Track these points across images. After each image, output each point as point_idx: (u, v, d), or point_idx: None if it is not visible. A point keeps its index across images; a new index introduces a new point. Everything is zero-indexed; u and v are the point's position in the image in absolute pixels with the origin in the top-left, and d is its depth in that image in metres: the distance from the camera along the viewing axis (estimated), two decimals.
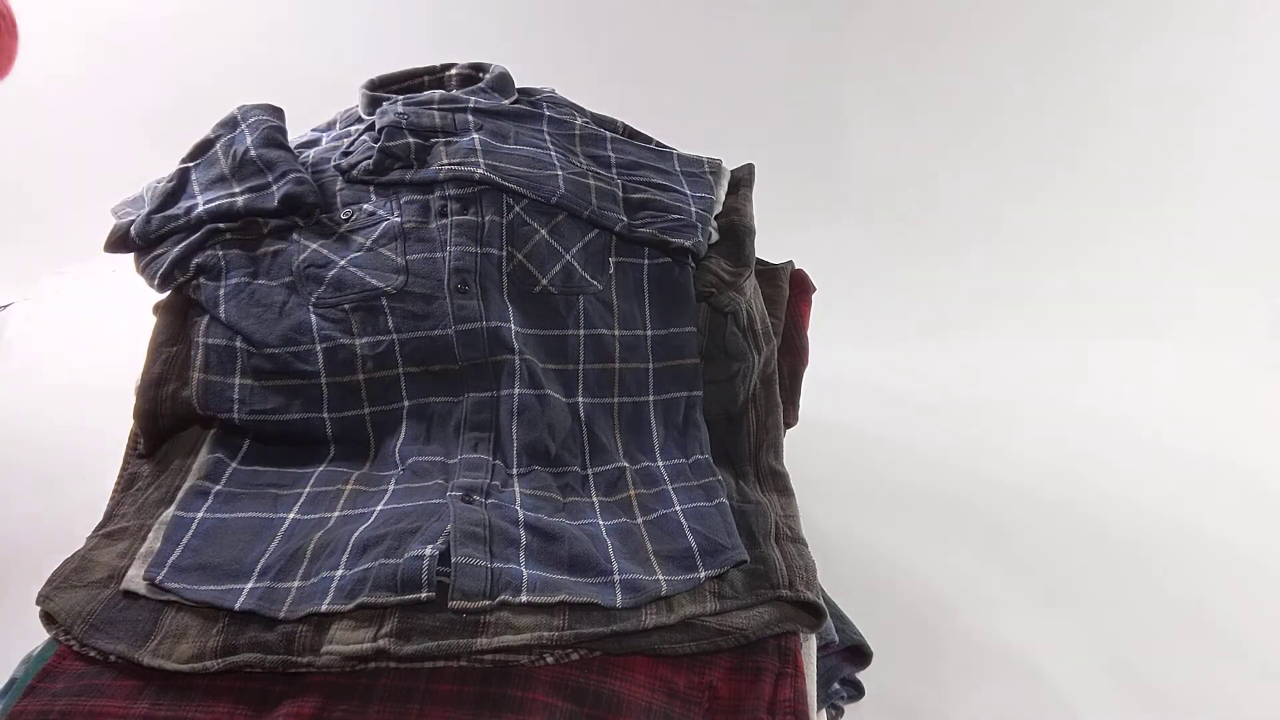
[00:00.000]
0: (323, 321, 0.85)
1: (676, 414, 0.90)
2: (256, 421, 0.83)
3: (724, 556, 0.75)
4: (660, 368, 0.91)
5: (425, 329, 0.86)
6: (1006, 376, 1.52)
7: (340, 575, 0.71)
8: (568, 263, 0.92)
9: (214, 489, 0.80)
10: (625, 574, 0.73)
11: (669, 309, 0.93)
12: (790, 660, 0.69)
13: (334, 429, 0.85)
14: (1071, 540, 1.16)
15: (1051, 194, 1.82)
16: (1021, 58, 1.81)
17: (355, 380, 0.85)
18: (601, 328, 0.90)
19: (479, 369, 0.86)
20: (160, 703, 0.64)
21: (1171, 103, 1.79)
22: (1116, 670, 0.97)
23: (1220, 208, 1.78)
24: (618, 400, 0.90)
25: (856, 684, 0.87)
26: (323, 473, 0.83)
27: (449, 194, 0.92)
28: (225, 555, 0.74)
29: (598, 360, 0.90)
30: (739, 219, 1.01)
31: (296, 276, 0.88)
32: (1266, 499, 1.26)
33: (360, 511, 0.78)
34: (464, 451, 0.83)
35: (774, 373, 0.96)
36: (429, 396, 0.86)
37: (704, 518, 0.79)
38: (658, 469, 0.86)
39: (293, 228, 0.91)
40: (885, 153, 1.84)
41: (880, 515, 1.18)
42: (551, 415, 0.86)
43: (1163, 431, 1.40)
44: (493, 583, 0.70)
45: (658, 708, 0.66)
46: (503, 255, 0.91)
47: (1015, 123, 1.83)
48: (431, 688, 0.65)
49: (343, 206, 0.93)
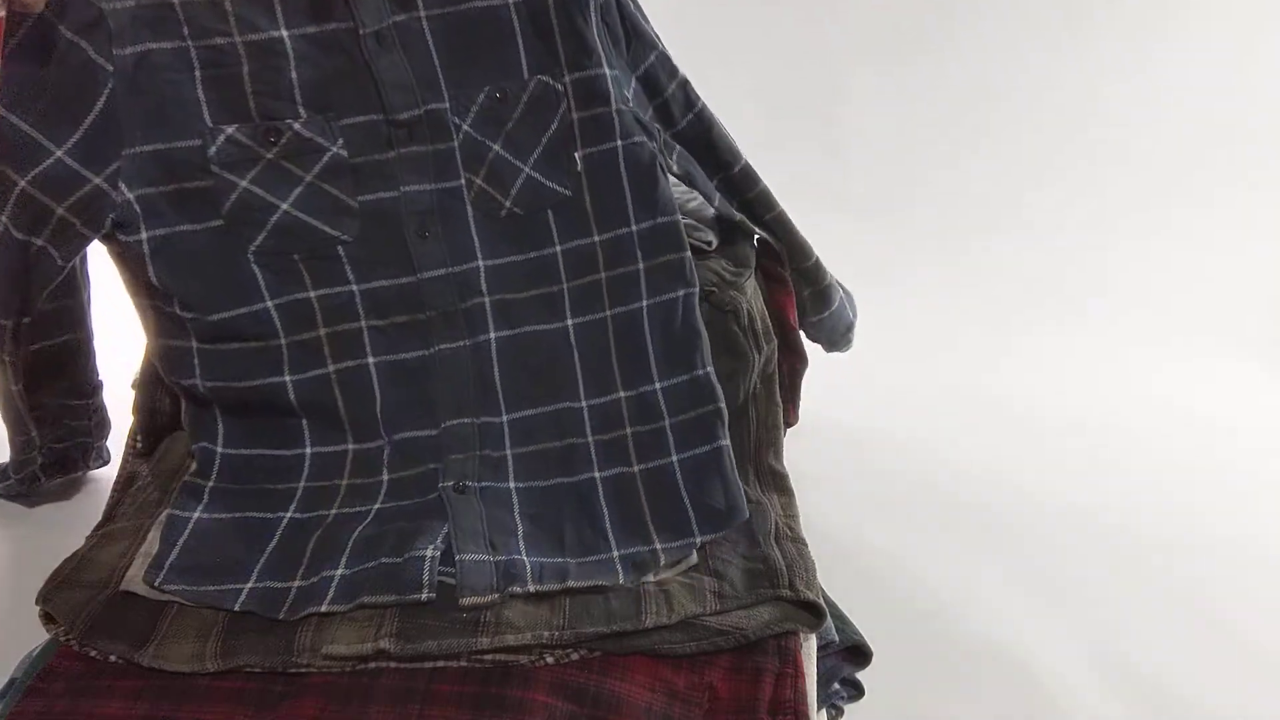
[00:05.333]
0: (269, 275, 0.79)
1: (674, 319, 0.85)
2: (217, 390, 0.79)
3: (720, 522, 0.77)
4: (652, 266, 0.85)
5: (388, 277, 0.81)
6: (1007, 376, 1.52)
7: (340, 575, 0.71)
8: (528, 175, 0.83)
9: (207, 486, 0.78)
10: (623, 549, 0.75)
11: (651, 197, 0.85)
12: (790, 660, 0.69)
13: (296, 394, 0.80)
14: (1072, 540, 1.16)
15: (1052, 194, 1.82)
16: (1023, 56, 1.81)
17: (316, 337, 0.80)
18: (580, 238, 0.84)
19: (448, 317, 0.82)
20: (160, 703, 0.64)
21: (1174, 101, 1.79)
22: (1117, 671, 0.96)
23: (1226, 207, 1.78)
24: (610, 313, 0.84)
25: (856, 684, 0.87)
26: (314, 461, 0.80)
27: (394, 118, 0.80)
28: (223, 555, 0.74)
29: (582, 274, 0.84)
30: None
31: (228, 220, 0.78)
32: (1269, 501, 1.26)
33: (358, 510, 0.78)
34: (447, 417, 0.81)
35: (774, 372, 0.96)
36: (397, 352, 0.81)
37: (701, 474, 0.80)
38: (655, 396, 0.83)
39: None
40: (885, 152, 1.84)
41: (880, 515, 1.18)
42: (534, 352, 0.83)
43: (1164, 432, 1.40)
44: (499, 576, 0.71)
45: (658, 708, 0.66)
46: (462, 184, 0.82)
47: (1016, 122, 1.83)
48: (432, 688, 0.65)
49: (262, 118, 0.78)
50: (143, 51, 0.75)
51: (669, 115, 0.90)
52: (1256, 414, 1.47)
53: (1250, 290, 1.72)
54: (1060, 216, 1.81)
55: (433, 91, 0.81)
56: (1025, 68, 1.81)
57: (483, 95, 0.82)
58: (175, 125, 0.77)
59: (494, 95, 0.82)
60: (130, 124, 0.76)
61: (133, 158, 0.76)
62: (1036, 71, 1.81)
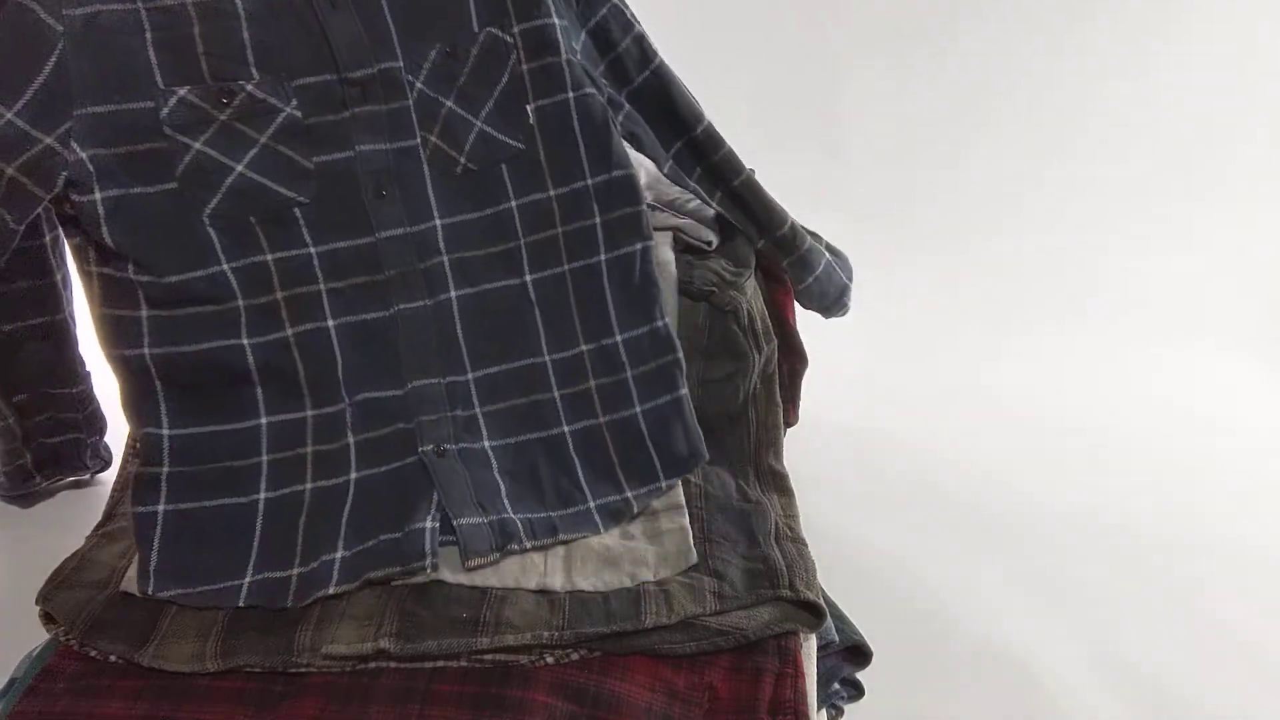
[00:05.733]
0: (225, 238, 0.77)
1: (632, 272, 0.85)
2: (165, 357, 0.76)
3: (683, 465, 0.83)
4: (608, 220, 0.85)
5: (346, 239, 0.79)
6: (1007, 376, 1.52)
7: (340, 557, 0.72)
8: (481, 130, 0.83)
9: (162, 473, 0.76)
10: (598, 499, 0.80)
11: (605, 151, 0.85)
12: (790, 660, 0.69)
13: (255, 357, 0.78)
14: (1071, 540, 1.16)
15: (1052, 194, 1.82)
16: (1022, 56, 1.81)
17: (274, 300, 0.78)
18: (536, 192, 0.84)
19: (407, 277, 0.81)
20: (160, 703, 0.64)
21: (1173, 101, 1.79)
22: (1117, 671, 0.96)
23: (1225, 207, 1.78)
24: (569, 268, 0.85)
25: (856, 684, 0.87)
26: (271, 431, 0.78)
27: (347, 77, 0.79)
28: (209, 552, 0.73)
29: (539, 229, 0.84)
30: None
31: (181, 182, 0.76)
32: (1268, 501, 1.26)
33: (334, 483, 0.77)
34: (413, 377, 0.80)
35: (774, 372, 0.96)
36: (356, 313, 0.80)
37: (664, 423, 0.84)
38: (616, 348, 0.84)
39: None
40: (885, 152, 1.84)
41: (880, 515, 1.18)
42: (495, 309, 0.83)
43: (1164, 432, 1.40)
44: (496, 535, 0.75)
45: (658, 708, 0.66)
46: (417, 143, 0.81)
47: (1016, 122, 1.83)
48: (432, 688, 0.65)
49: (214, 80, 0.77)
50: (93, 12, 0.74)
51: (623, 71, 0.89)
52: (1256, 414, 1.47)
53: (1250, 290, 1.72)
54: (1060, 216, 1.81)
55: (385, 50, 0.80)
56: (1024, 68, 1.81)
57: (434, 52, 0.82)
58: (126, 87, 0.75)
59: (445, 51, 0.82)
60: (81, 85, 0.74)
61: (83, 118, 0.74)
62: (1035, 71, 1.81)
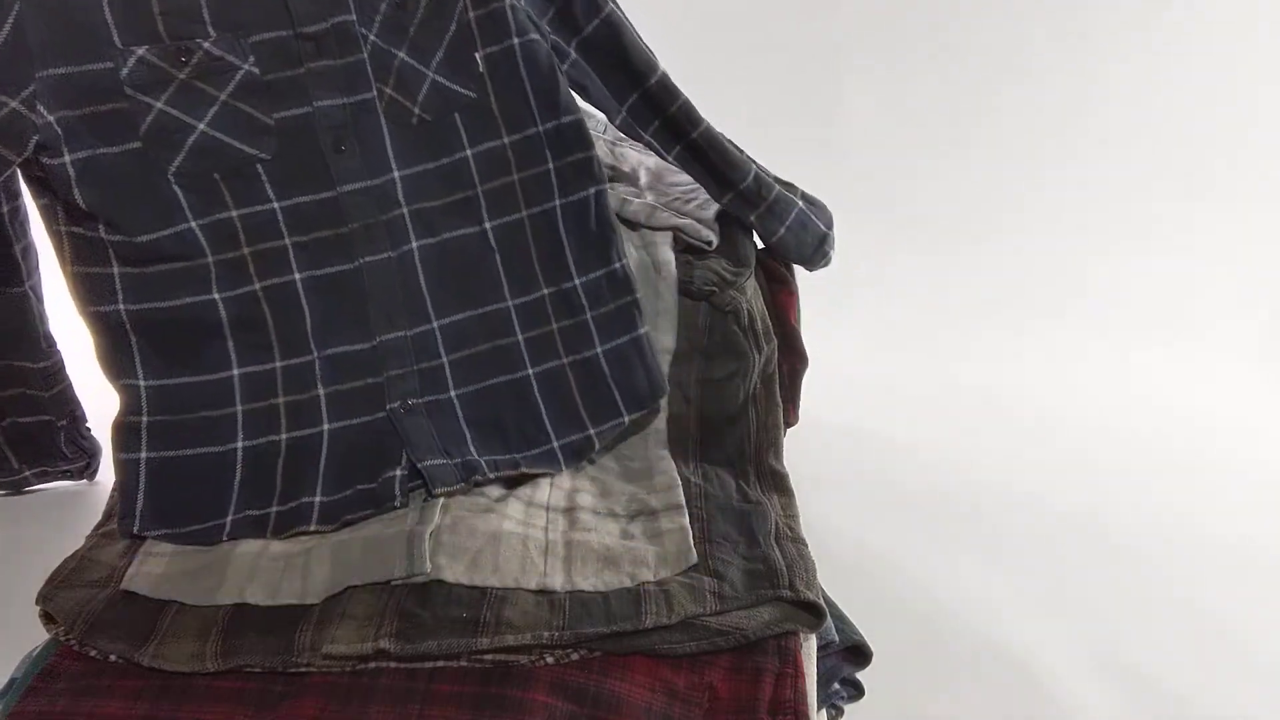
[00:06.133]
0: (191, 195, 0.79)
1: (587, 216, 0.87)
2: (140, 313, 0.78)
3: (644, 401, 0.87)
4: (561, 165, 0.87)
5: (308, 193, 0.81)
6: (1008, 377, 1.52)
7: (319, 501, 0.78)
8: (433, 80, 0.84)
9: (142, 421, 0.78)
10: (561, 439, 0.84)
11: (553, 97, 0.86)
12: (790, 660, 0.69)
13: (227, 311, 0.80)
14: (1072, 540, 1.16)
15: (1053, 193, 1.82)
16: (1023, 55, 1.81)
17: (241, 255, 0.80)
18: (490, 140, 0.86)
19: (370, 230, 0.82)
20: (160, 703, 0.64)
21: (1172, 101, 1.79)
22: (1117, 671, 0.96)
23: (1225, 206, 1.78)
24: (526, 214, 0.87)
25: (856, 684, 0.87)
26: (244, 382, 0.80)
27: (302, 32, 0.80)
28: (192, 495, 0.77)
29: (494, 177, 0.86)
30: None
31: (145, 142, 0.77)
32: (1268, 501, 1.26)
33: (308, 433, 0.81)
34: (380, 331, 0.82)
35: (774, 372, 0.96)
36: (322, 267, 0.82)
37: (624, 362, 0.87)
38: (575, 291, 0.87)
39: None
40: (886, 151, 1.84)
41: (880, 515, 1.18)
42: (457, 258, 0.85)
43: (1164, 432, 1.40)
44: (461, 470, 0.80)
45: (658, 708, 0.66)
46: (373, 96, 0.83)
47: (1014, 122, 1.83)
48: (432, 688, 0.65)
49: (171, 38, 0.77)
50: None
51: (572, 20, 0.90)
52: (1256, 414, 1.47)
53: (1250, 290, 1.72)
54: (1060, 217, 1.81)
55: (338, 4, 0.81)
56: (1023, 67, 1.81)
57: (385, 4, 0.83)
58: (85, 48, 0.76)
59: (394, 2, 0.83)
60: (40, 46, 0.75)
61: (46, 80, 0.75)
62: (1035, 71, 1.81)
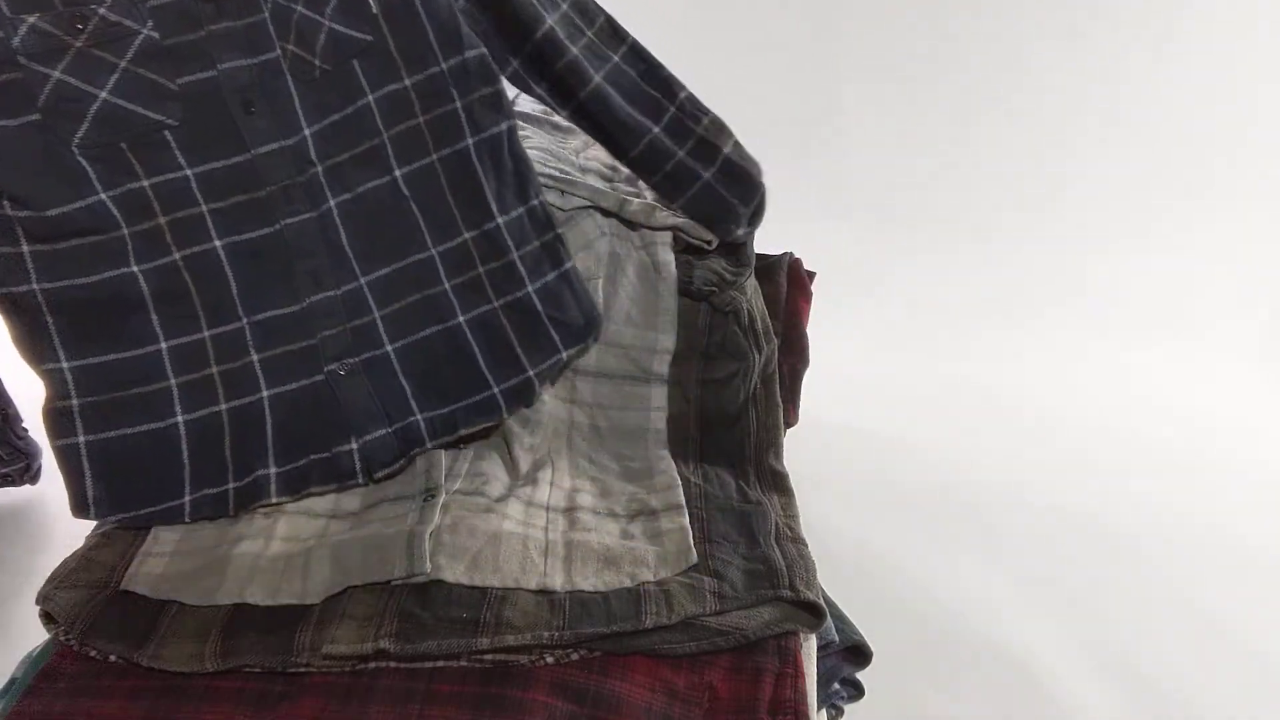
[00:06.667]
0: (98, 166, 0.76)
1: (501, 153, 0.85)
2: (58, 290, 0.76)
3: (582, 334, 0.87)
4: (469, 103, 0.84)
5: (220, 158, 0.79)
6: (1007, 377, 1.52)
7: (274, 473, 0.78)
8: (329, 28, 0.81)
9: (73, 404, 0.77)
10: (501, 384, 0.83)
11: (454, 33, 0.84)
12: (790, 660, 0.69)
13: (148, 283, 0.78)
14: (1071, 540, 1.16)
15: (1053, 193, 1.82)
16: (1023, 55, 1.81)
17: (157, 225, 0.78)
18: (391, 83, 0.83)
19: (288, 191, 0.80)
20: (160, 703, 0.64)
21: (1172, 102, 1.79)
22: (1117, 671, 0.97)
23: (1225, 205, 1.78)
24: (437, 156, 0.84)
25: (856, 684, 0.87)
26: (173, 355, 0.79)
27: None
28: (142, 476, 0.77)
29: (399, 121, 0.83)
30: None
31: (44, 114, 0.75)
32: (1268, 501, 1.26)
33: (247, 401, 0.79)
34: (308, 293, 0.81)
35: (774, 372, 0.96)
36: (242, 232, 0.80)
37: (555, 297, 0.86)
38: (498, 230, 0.84)
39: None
40: (886, 151, 1.84)
41: (880, 515, 1.18)
42: (374, 211, 0.83)
43: (1165, 434, 1.40)
44: (399, 443, 0.80)
45: (658, 708, 0.66)
46: (278, 55, 0.80)
47: (1017, 121, 1.83)
48: (432, 688, 0.65)
49: (65, 5, 0.75)
50: None
51: None
52: (1256, 414, 1.47)
53: (1250, 290, 1.72)
54: (1060, 217, 1.81)
55: None
56: (1024, 68, 1.81)
57: None
58: None
59: None
60: None
61: None
62: (1036, 71, 1.81)
